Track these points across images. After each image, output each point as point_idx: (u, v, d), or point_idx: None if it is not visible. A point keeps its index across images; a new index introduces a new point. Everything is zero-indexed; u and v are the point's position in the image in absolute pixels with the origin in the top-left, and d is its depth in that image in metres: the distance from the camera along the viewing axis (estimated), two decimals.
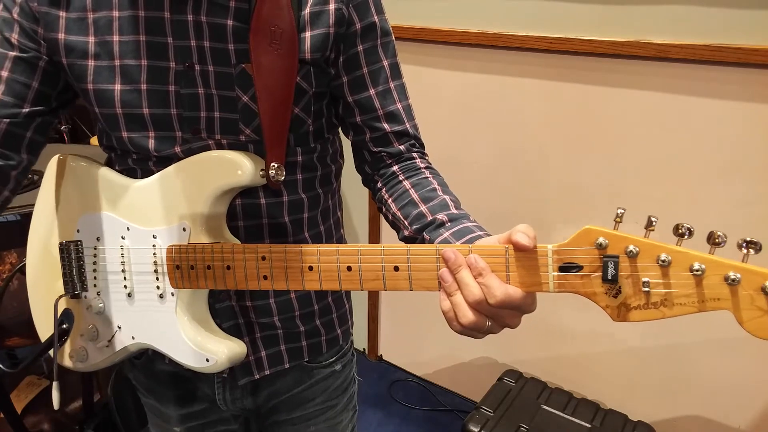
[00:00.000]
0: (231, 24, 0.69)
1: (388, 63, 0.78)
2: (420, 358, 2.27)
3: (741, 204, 1.46)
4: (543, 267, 0.57)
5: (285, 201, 0.78)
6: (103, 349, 0.80)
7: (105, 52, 0.70)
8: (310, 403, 0.90)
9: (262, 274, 0.67)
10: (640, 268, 0.53)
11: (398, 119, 0.79)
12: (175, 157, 0.73)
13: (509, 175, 1.80)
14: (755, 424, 1.60)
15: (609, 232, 0.55)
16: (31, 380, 1.93)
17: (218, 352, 0.72)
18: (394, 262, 0.61)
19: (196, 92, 0.71)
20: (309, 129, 0.78)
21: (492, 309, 0.57)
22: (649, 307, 0.54)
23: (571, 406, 1.68)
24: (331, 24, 0.71)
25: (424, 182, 0.77)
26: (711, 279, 0.51)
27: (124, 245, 0.75)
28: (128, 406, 1.60)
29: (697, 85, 1.44)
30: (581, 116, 1.63)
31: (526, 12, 1.63)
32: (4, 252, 1.41)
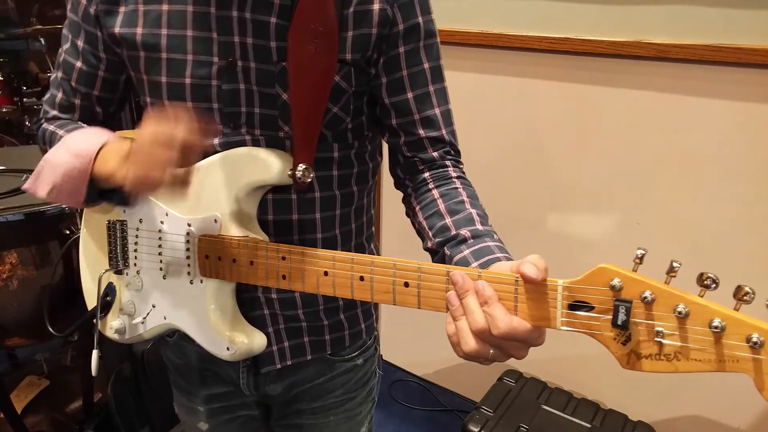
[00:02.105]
0: (274, 21, 0.70)
1: (430, 66, 0.76)
2: (420, 358, 2.27)
3: (741, 204, 1.46)
4: (552, 302, 0.54)
5: (317, 197, 0.78)
6: (138, 326, 0.84)
7: (154, 44, 0.72)
8: (330, 394, 0.90)
9: (281, 273, 0.68)
10: (655, 316, 0.49)
11: (434, 125, 0.78)
12: (212, 149, 0.74)
13: (509, 175, 1.80)
14: (755, 424, 1.60)
15: (625, 274, 0.50)
16: (31, 380, 1.93)
17: (238, 343, 0.74)
18: (405, 278, 0.60)
19: (237, 88, 0.72)
20: (348, 127, 0.77)
21: (495, 339, 0.55)
22: (661, 359, 0.50)
23: (571, 406, 1.68)
24: (375, 24, 0.70)
25: (453, 193, 0.75)
26: (732, 338, 0.47)
27: (162, 229, 0.78)
28: (128, 406, 1.60)
29: (697, 85, 1.44)
30: (581, 116, 1.63)
31: (526, 12, 1.63)
32: (4, 252, 1.41)
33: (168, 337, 0.90)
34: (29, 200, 1.43)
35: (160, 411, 1.64)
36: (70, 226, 1.44)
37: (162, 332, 0.84)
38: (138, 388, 1.61)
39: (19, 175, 1.58)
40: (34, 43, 3.59)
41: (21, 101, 3.28)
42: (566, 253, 1.77)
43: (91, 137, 0.74)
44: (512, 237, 1.91)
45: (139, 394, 1.62)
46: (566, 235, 1.75)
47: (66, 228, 1.43)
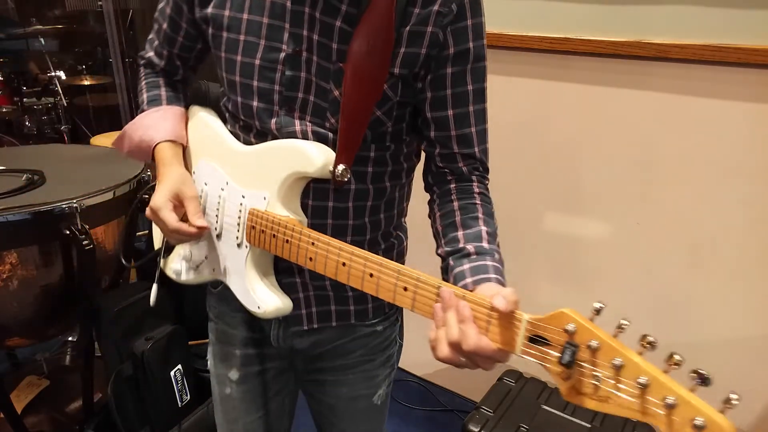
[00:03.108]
0: (339, 25, 0.77)
1: (473, 88, 0.84)
2: (420, 358, 2.27)
3: (741, 204, 1.46)
4: (516, 332, 0.61)
5: (352, 189, 0.85)
6: (191, 271, 0.97)
7: (235, 26, 0.82)
8: (350, 354, 0.98)
9: (309, 255, 0.78)
10: (596, 363, 0.56)
11: (469, 142, 0.85)
12: (269, 132, 0.83)
13: (509, 175, 1.80)
14: (755, 424, 1.60)
15: (580, 322, 0.57)
16: (31, 380, 1.93)
17: (268, 303, 0.85)
18: (405, 284, 0.69)
19: (299, 75, 0.80)
20: (387, 130, 0.84)
21: (464, 352, 0.63)
22: (595, 399, 0.56)
23: (571, 406, 1.68)
24: (425, 45, 0.77)
25: (471, 207, 0.82)
26: (653, 395, 0.53)
27: (221, 195, 0.89)
28: (128, 406, 1.60)
29: (697, 85, 1.44)
30: (581, 116, 1.63)
31: (526, 12, 1.63)
32: (4, 252, 1.41)
33: (213, 287, 1.00)
34: (30, 200, 1.43)
35: (160, 411, 1.64)
36: (70, 226, 1.44)
37: (208, 281, 0.96)
38: (138, 388, 1.61)
39: (19, 175, 1.58)
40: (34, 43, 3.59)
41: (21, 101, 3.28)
42: (566, 253, 1.77)
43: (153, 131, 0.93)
44: (512, 236, 1.91)
45: (139, 394, 1.61)
46: (566, 234, 1.75)
47: (66, 228, 1.43)
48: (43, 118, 3.41)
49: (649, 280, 1.65)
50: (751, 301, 1.51)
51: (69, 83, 3.43)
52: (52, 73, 3.22)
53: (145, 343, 1.61)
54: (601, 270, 1.72)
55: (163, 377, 1.64)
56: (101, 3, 3.66)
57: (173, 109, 0.97)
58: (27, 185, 1.53)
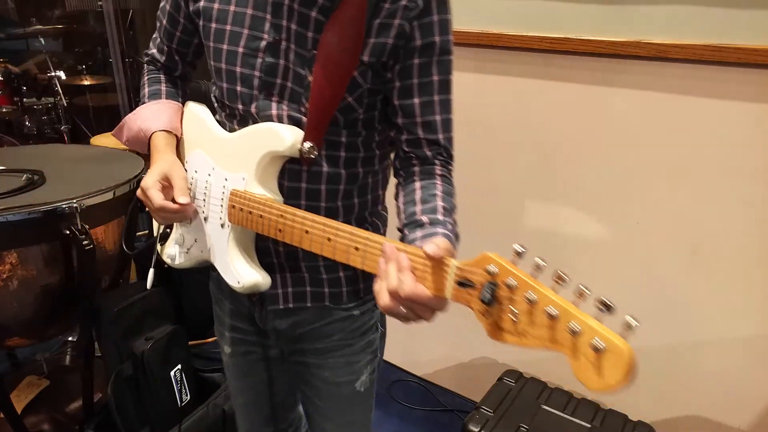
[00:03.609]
0: (314, 16, 0.84)
1: (438, 79, 0.89)
2: (420, 358, 2.27)
3: (741, 204, 1.46)
4: (447, 277, 0.66)
5: (324, 172, 0.90)
6: (183, 254, 1.03)
7: (222, 17, 0.89)
8: (329, 338, 1.03)
9: (278, 227, 0.84)
10: (514, 300, 0.60)
11: (433, 129, 0.89)
12: (250, 117, 0.90)
13: (509, 175, 1.80)
14: (755, 424, 1.60)
15: (500, 262, 0.61)
16: (31, 380, 1.93)
17: (246, 278, 0.91)
18: (357, 244, 0.75)
19: (278, 63, 0.86)
20: (359, 117, 0.89)
21: (403, 300, 0.68)
22: (514, 334, 0.61)
23: (571, 406, 1.68)
24: (392, 36, 0.83)
25: (431, 186, 0.87)
26: (561, 324, 0.56)
27: (208, 180, 0.96)
28: (128, 406, 1.60)
29: (697, 85, 1.44)
30: (581, 116, 1.63)
31: (526, 12, 1.63)
32: (4, 252, 1.41)
33: (213, 271, 1.04)
34: (30, 200, 1.43)
35: (160, 411, 1.64)
36: (70, 226, 1.44)
37: (199, 263, 1.02)
38: (138, 388, 1.61)
39: (19, 175, 1.58)
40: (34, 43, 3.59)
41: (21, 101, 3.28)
42: (566, 253, 1.77)
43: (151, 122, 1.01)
44: (512, 236, 1.91)
45: (139, 394, 1.62)
46: (566, 234, 1.75)
47: (66, 228, 1.43)
48: (43, 118, 3.41)
49: (649, 280, 1.65)
50: (751, 301, 1.51)
51: (69, 83, 3.43)
52: (52, 73, 3.22)
53: (145, 343, 1.61)
54: (601, 270, 1.72)
55: (163, 377, 1.64)
56: (101, 3, 3.66)
57: (170, 103, 1.05)
58: (27, 185, 1.53)
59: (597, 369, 0.54)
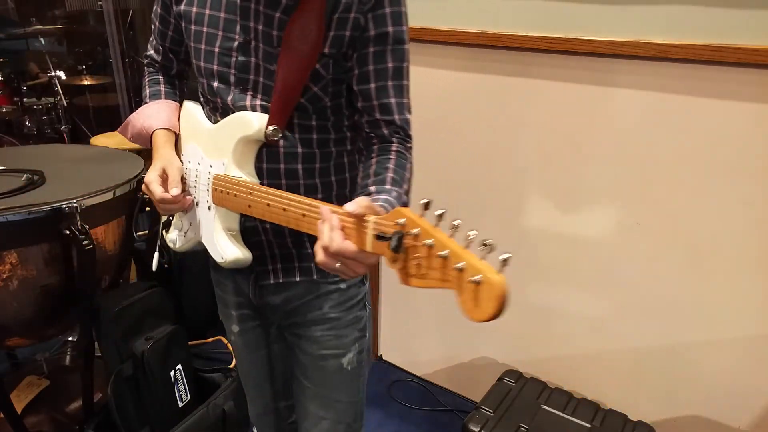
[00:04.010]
0: (278, 16, 0.92)
1: (392, 65, 0.95)
2: (420, 358, 2.27)
3: (741, 204, 1.46)
4: (366, 232, 0.74)
5: (300, 152, 0.99)
6: (182, 238, 1.13)
7: (199, 20, 0.98)
8: (318, 311, 1.10)
9: (248, 203, 0.94)
10: (417, 247, 0.67)
11: (390, 111, 0.97)
12: (229, 108, 0.99)
13: (509, 175, 1.80)
14: (755, 424, 1.60)
15: (409, 215, 0.68)
16: (31, 380, 1.93)
17: (228, 254, 1.01)
18: (304, 211, 0.85)
19: (249, 60, 0.95)
20: (327, 105, 0.98)
21: (334, 255, 0.76)
22: (418, 277, 0.68)
23: (571, 406, 1.68)
24: (349, 29, 0.91)
25: (385, 161, 0.95)
26: (450, 263, 0.63)
27: (198, 168, 1.05)
28: (128, 406, 1.60)
29: (697, 85, 1.44)
30: (581, 116, 1.63)
31: (526, 12, 1.63)
32: (4, 252, 1.41)
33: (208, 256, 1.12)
34: (30, 200, 1.43)
35: (160, 411, 1.64)
36: (70, 226, 1.44)
37: (195, 245, 1.11)
38: (138, 388, 1.61)
39: (19, 175, 1.58)
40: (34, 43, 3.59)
41: (21, 101, 3.28)
42: (566, 253, 1.77)
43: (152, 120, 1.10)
44: (512, 235, 1.91)
45: (139, 394, 1.62)
46: (566, 234, 1.75)
47: (66, 228, 1.43)
48: (43, 118, 3.41)
49: (649, 280, 1.65)
50: (751, 301, 1.51)
51: (69, 83, 3.43)
52: (52, 73, 3.22)
53: (145, 343, 1.61)
54: (601, 270, 1.72)
55: (163, 377, 1.64)
56: (101, 3, 3.66)
57: (169, 102, 1.15)
58: (27, 185, 1.53)
59: (475, 300, 0.60)
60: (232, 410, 1.74)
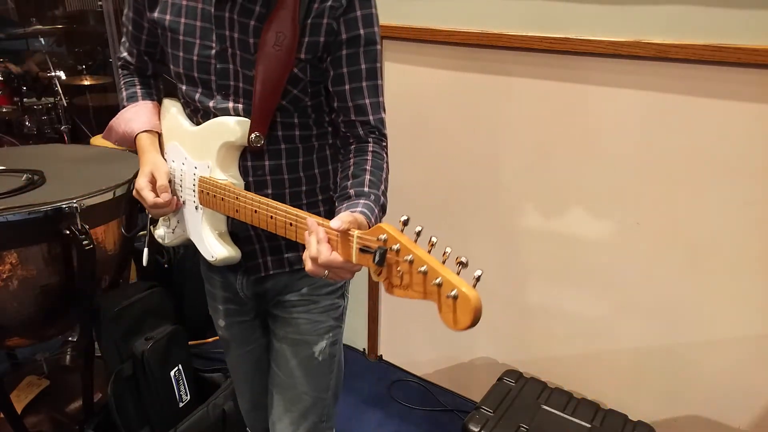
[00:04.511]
0: (253, 24, 0.94)
1: (365, 67, 0.98)
2: (420, 358, 2.27)
3: (741, 204, 1.46)
4: (351, 246, 0.79)
5: (283, 148, 1.03)
6: (170, 234, 1.17)
7: (175, 28, 1.00)
8: (296, 292, 1.14)
9: (235, 208, 0.97)
10: (399, 261, 0.73)
11: (364, 112, 1.00)
12: (210, 112, 1.01)
13: (509, 175, 1.80)
14: (755, 424, 1.60)
15: (389, 232, 0.74)
16: (31, 380, 1.93)
17: (218, 253, 1.04)
18: (291, 220, 0.89)
19: (228, 67, 0.98)
20: (307, 104, 1.01)
21: (322, 266, 0.80)
22: (401, 288, 0.74)
23: (571, 406, 1.68)
24: (323, 34, 0.94)
25: (362, 162, 0.98)
26: (429, 279, 0.69)
27: (183, 168, 1.07)
28: (128, 406, 1.60)
29: (697, 85, 1.44)
30: (581, 116, 1.63)
31: (526, 12, 1.63)
32: (4, 252, 1.41)
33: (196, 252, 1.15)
34: (30, 200, 1.43)
35: (160, 411, 1.64)
36: (70, 226, 1.44)
37: (183, 242, 1.15)
38: (138, 388, 1.62)
39: (19, 175, 1.58)
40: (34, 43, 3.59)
41: (21, 101, 3.27)
42: (566, 253, 1.77)
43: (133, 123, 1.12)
44: (512, 235, 1.91)
45: (139, 394, 1.62)
46: (566, 234, 1.75)
47: (66, 228, 1.43)
48: (43, 118, 3.41)
49: (649, 280, 1.65)
50: (751, 301, 1.51)
51: (69, 83, 3.43)
52: (52, 73, 3.22)
53: (145, 343, 1.61)
54: (601, 270, 1.72)
55: (163, 377, 1.64)
56: (101, 3, 3.66)
57: (147, 103, 1.16)
58: (27, 185, 1.54)
59: (453, 313, 0.67)
60: (232, 410, 1.74)
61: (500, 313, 1.96)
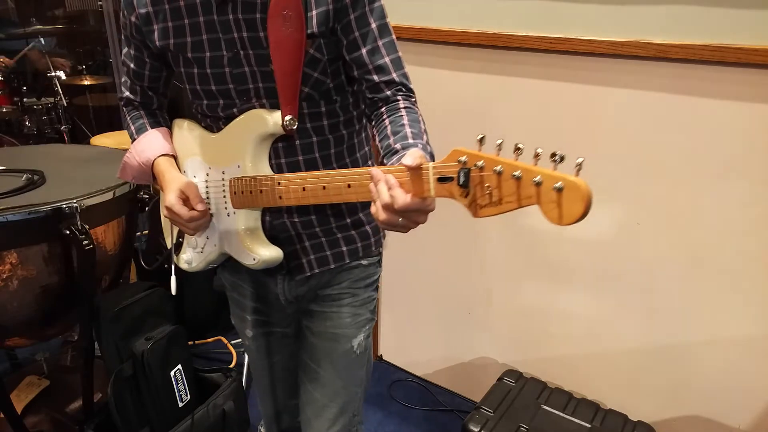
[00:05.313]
0: (259, 17, 0.92)
1: (376, 25, 0.95)
2: (420, 358, 2.27)
3: (741, 204, 1.46)
4: (427, 179, 0.75)
5: (314, 141, 1.01)
6: (198, 254, 1.12)
7: (182, 48, 0.99)
8: (336, 285, 1.12)
9: (278, 195, 0.94)
10: (485, 177, 0.70)
11: (386, 70, 0.96)
12: (233, 116, 1.00)
13: None
14: (755, 424, 1.60)
15: (468, 151, 0.71)
16: (31, 380, 1.93)
17: (261, 254, 1.01)
18: (347, 181, 0.85)
19: (243, 71, 0.96)
20: (330, 86, 0.99)
21: (399, 211, 0.77)
22: (492, 205, 0.70)
23: (571, 406, 1.68)
24: (329, 2, 0.91)
25: (398, 119, 0.95)
26: (525, 181, 0.66)
27: (207, 180, 1.06)
28: (128, 406, 1.60)
29: (697, 85, 1.44)
30: (581, 116, 1.63)
31: (526, 12, 1.63)
32: (4, 252, 1.41)
33: (227, 261, 1.13)
34: (30, 200, 1.43)
35: (160, 411, 1.64)
36: (70, 226, 1.44)
37: (216, 258, 1.11)
38: (138, 388, 1.61)
39: (19, 175, 1.58)
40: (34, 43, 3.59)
41: (21, 101, 3.27)
42: (566, 253, 1.77)
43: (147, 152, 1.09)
44: (512, 236, 1.91)
45: (139, 394, 1.62)
46: (566, 234, 1.75)
47: (66, 228, 1.43)
48: (43, 118, 3.41)
49: (650, 280, 1.65)
50: (751, 301, 1.51)
51: (69, 83, 3.43)
52: (52, 73, 3.22)
53: (145, 343, 1.61)
54: (601, 270, 1.72)
55: (163, 377, 1.64)
56: (101, 3, 3.66)
57: (157, 131, 1.13)
58: (27, 185, 1.54)
59: (560, 205, 0.63)
60: (232, 410, 1.74)
61: (500, 313, 1.96)
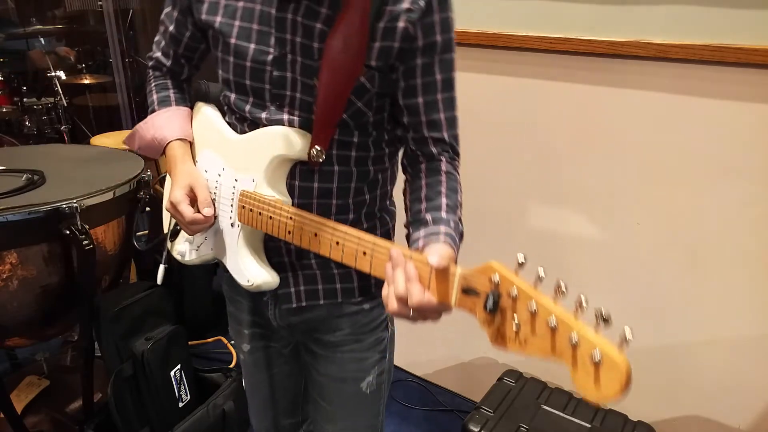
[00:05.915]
0: (319, 27, 0.84)
1: (441, 77, 0.89)
2: (420, 358, 2.27)
3: (741, 204, 1.46)
4: (452, 285, 0.68)
5: (335, 171, 0.92)
6: (193, 251, 1.05)
7: (227, 31, 0.90)
8: (339, 331, 1.03)
9: (287, 229, 0.87)
10: (516, 308, 0.61)
11: (438, 127, 0.90)
12: (260, 123, 0.92)
13: (509, 176, 1.80)
14: (755, 424, 1.60)
15: (503, 273, 0.63)
16: (31, 380, 1.93)
17: (256, 277, 0.94)
18: (364, 248, 0.77)
19: (285, 75, 0.88)
20: (369, 120, 0.91)
21: (410, 307, 0.70)
22: (516, 342, 0.62)
23: (571, 406, 1.68)
24: (398, 39, 0.83)
25: (436, 184, 0.88)
26: (560, 335, 0.57)
27: (218, 180, 0.98)
28: (128, 406, 1.60)
29: (697, 85, 1.44)
30: (581, 116, 1.63)
31: (526, 12, 1.63)
32: (4, 252, 1.41)
33: (225, 272, 1.06)
34: (30, 200, 1.43)
35: (160, 411, 1.64)
36: (70, 226, 1.44)
37: (208, 261, 1.04)
38: (138, 388, 1.61)
39: (19, 175, 1.58)
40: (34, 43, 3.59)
41: (21, 101, 3.27)
42: (567, 253, 1.77)
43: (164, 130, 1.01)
44: (512, 236, 1.91)
45: (139, 394, 1.62)
46: (567, 235, 1.75)
47: (66, 228, 1.43)
48: (43, 118, 3.40)
49: (650, 280, 1.65)
50: (751, 301, 1.51)
51: (69, 83, 3.43)
52: (52, 73, 3.22)
53: (145, 343, 1.61)
54: (601, 270, 1.72)
55: (163, 377, 1.64)
56: (101, 3, 3.66)
57: (181, 109, 1.06)
58: (27, 185, 1.53)
59: (595, 380, 0.55)
60: (232, 410, 1.74)
61: None
